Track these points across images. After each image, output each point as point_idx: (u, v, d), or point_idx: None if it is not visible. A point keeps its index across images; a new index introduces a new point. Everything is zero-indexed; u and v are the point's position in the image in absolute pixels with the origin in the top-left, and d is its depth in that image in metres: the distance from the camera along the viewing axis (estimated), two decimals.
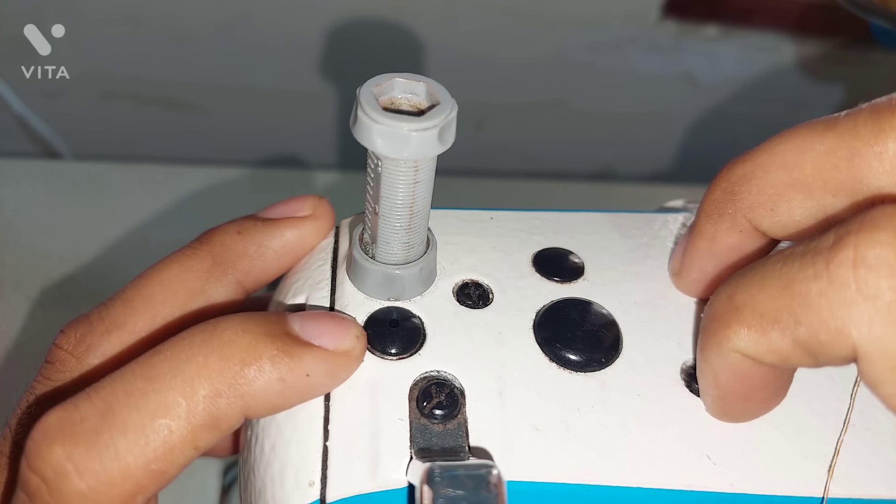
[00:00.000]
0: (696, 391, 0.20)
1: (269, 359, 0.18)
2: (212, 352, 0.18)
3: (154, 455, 0.17)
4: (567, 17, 0.51)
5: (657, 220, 0.24)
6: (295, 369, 0.18)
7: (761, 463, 0.19)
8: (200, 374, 0.17)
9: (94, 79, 0.53)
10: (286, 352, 0.18)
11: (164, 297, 0.21)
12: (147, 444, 0.17)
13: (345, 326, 0.19)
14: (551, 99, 0.56)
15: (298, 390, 0.18)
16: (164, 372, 0.17)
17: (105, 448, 0.17)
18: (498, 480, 0.16)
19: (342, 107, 0.56)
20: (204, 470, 0.39)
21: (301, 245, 0.22)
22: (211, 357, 0.17)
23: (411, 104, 0.18)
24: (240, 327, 0.18)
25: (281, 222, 0.22)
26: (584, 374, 0.20)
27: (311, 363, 0.18)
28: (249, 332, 0.18)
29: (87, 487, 0.16)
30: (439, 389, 0.19)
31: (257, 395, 0.17)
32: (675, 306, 0.21)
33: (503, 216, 0.24)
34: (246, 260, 0.22)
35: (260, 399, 0.18)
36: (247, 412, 0.18)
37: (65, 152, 0.58)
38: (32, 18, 0.47)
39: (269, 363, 0.18)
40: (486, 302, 0.21)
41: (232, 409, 0.17)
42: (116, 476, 0.17)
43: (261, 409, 0.18)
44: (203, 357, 0.17)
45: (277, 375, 0.18)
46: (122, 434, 0.17)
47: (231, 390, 0.17)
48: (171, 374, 0.17)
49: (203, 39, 0.51)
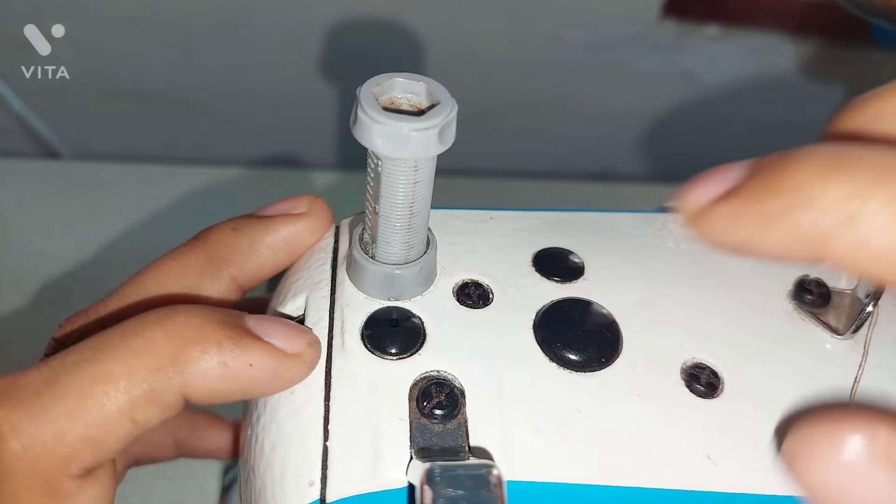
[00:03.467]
0: (696, 391, 0.20)
1: (215, 342, 0.18)
2: (161, 329, 0.18)
3: (90, 421, 0.17)
4: (567, 17, 0.51)
5: (657, 220, 0.24)
6: (239, 357, 0.18)
7: (761, 463, 0.19)
8: (146, 347, 0.18)
9: (94, 79, 0.53)
10: (233, 339, 0.18)
11: (159, 293, 0.21)
12: (84, 410, 0.17)
13: (299, 331, 0.19)
14: (551, 99, 0.56)
15: (239, 381, 0.18)
16: (113, 344, 0.18)
17: (43, 411, 0.17)
18: (498, 480, 0.16)
19: (342, 107, 0.56)
20: (204, 470, 0.39)
21: (296, 241, 0.22)
22: (159, 333, 0.18)
23: (411, 104, 0.18)
24: (194, 311, 0.19)
25: (276, 219, 0.22)
26: (584, 374, 0.20)
27: (256, 355, 0.18)
28: (202, 317, 0.18)
29: (21, 448, 0.17)
30: (439, 389, 0.19)
31: (197, 375, 0.18)
32: (675, 306, 0.21)
33: (503, 216, 0.24)
34: (240, 255, 0.22)
35: (200, 381, 0.18)
36: (185, 391, 0.18)
37: (64, 152, 0.58)
38: (32, 18, 0.47)
39: (214, 346, 0.18)
40: (486, 302, 0.21)
41: (171, 386, 0.18)
42: (50, 439, 0.17)
43: (200, 392, 0.18)
44: (151, 332, 0.18)
45: (220, 359, 0.18)
46: (61, 399, 0.17)
47: (172, 366, 0.18)
48: (119, 345, 0.18)
49: (203, 39, 0.51)
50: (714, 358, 0.20)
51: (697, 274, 0.22)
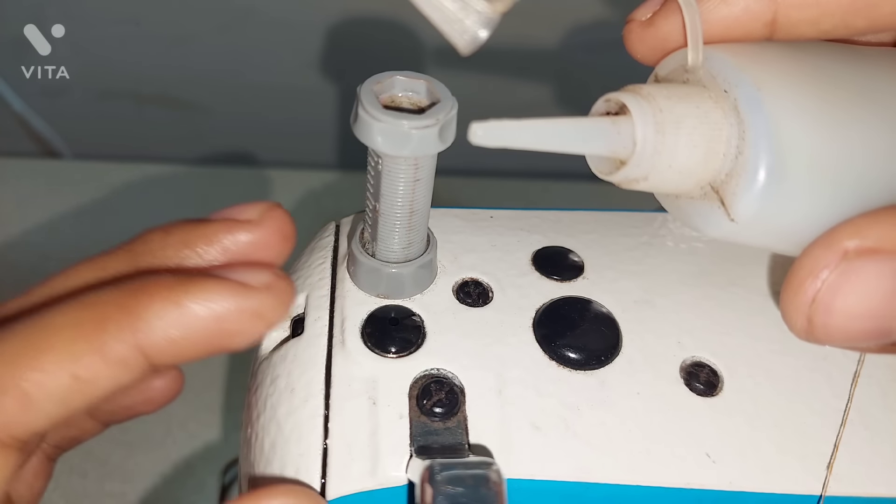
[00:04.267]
0: (696, 389, 0.20)
1: (166, 286, 0.16)
2: (109, 288, 0.17)
3: (23, 372, 0.16)
4: (567, 17, 0.51)
5: (657, 220, 0.24)
6: (195, 294, 0.16)
7: (760, 461, 0.19)
8: (94, 302, 0.16)
9: (94, 79, 0.53)
10: (185, 280, 0.16)
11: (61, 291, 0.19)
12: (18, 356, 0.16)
13: (263, 266, 0.17)
14: (551, 99, 0.56)
15: (201, 324, 0.16)
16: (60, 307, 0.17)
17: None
18: (498, 478, 0.16)
19: (342, 106, 0.56)
20: (204, 469, 0.39)
21: (237, 253, 0.19)
22: (106, 291, 0.17)
23: (412, 102, 0.18)
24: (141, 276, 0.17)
25: (215, 224, 0.19)
26: (584, 373, 0.20)
27: (213, 289, 0.16)
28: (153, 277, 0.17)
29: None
30: (439, 387, 0.19)
31: (152, 322, 0.16)
32: (674, 305, 0.21)
33: (503, 215, 0.24)
34: (166, 261, 0.19)
35: (156, 330, 0.16)
36: (142, 344, 0.16)
37: (65, 152, 0.58)
38: (32, 18, 0.47)
39: (164, 289, 0.16)
40: (486, 300, 0.21)
41: (122, 336, 0.16)
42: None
43: (158, 343, 0.16)
44: (98, 292, 0.17)
45: (174, 301, 0.16)
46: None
47: (120, 313, 0.16)
48: (67, 304, 0.16)
49: (203, 39, 0.51)
50: (713, 356, 0.20)
51: (697, 273, 0.22)
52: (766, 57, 0.17)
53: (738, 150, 0.16)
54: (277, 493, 0.17)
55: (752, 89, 0.16)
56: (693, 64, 0.17)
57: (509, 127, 0.15)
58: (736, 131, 0.16)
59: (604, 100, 0.17)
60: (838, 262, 0.15)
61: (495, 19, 0.16)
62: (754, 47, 0.17)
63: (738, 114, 0.16)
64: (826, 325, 0.15)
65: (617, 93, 0.17)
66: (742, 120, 0.16)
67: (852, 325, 0.15)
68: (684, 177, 0.17)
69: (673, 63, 0.18)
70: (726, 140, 0.16)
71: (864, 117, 0.17)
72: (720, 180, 0.17)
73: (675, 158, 0.16)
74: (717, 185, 0.17)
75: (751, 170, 0.16)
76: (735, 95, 0.16)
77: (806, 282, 0.15)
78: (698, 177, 0.17)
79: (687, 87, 0.17)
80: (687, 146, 0.16)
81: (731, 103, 0.16)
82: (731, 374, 0.20)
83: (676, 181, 0.17)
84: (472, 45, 0.16)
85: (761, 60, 0.17)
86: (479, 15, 0.16)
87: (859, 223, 0.15)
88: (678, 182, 0.17)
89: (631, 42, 0.19)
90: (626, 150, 0.16)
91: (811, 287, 0.15)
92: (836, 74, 0.17)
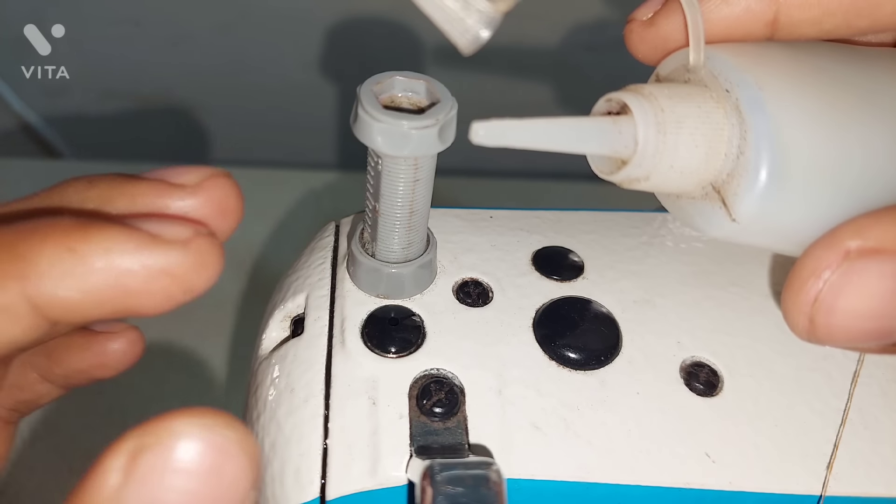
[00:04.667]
0: (696, 389, 0.20)
1: (62, 229, 0.14)
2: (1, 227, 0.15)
3: None
4: (567, 17, 0.51)
5: (656, 220, 0.24)
6: (91, 239, 0.14)
7: (760, 461, 0.19)
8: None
9: (94, 79, 0.53)
10: (84, 223, 0.14)
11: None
12: None
13: (185, 221, 0.15)
14: (551, 99, 0.56)
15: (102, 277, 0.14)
16: None
17: None
18: (498, 478, 0.16)
19: (342, 106, 0.56)
20: None
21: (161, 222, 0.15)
22: None
23: (411, 102, 0.18)
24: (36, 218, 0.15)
25: (144, 182, 0.17)
26: (584, 373, 0.20)
27: (114, 236, 0.14)
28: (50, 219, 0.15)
29: None
30: (439, 387, 0.19)
31: (43, 269, 0.14)
32: (674, 305, 0.21)
33: (503, 215, 0.24)
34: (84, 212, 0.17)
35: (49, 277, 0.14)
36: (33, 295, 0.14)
37: (65, 152, 0.58)
38: (32, 18, 0.47)
39: (59, 232, 0.14)
40: (486, 300, 0.21)
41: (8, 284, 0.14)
42: None
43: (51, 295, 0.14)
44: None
45: (67, 245, 0.14)
46: None
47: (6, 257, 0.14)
48: None
49: (203, 39, 0.51)
50: (713, 356, 0.20)
51: (697, 273, 0.22)
52: (767, 57, 0.17)
53: (739, 151, 0.16)
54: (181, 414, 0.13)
55: (753, 89, 0.16)
56: (694, 64, 0.17)
57: (511, 126, 0.15)
58: (737, 131, 0.16)
59: (605, 99, 0.17)
60: (840, 262, 0.15)
61: (497, 19, 0.16)
62: (756, 47, 0.17)
63: (739, 114, 0.16)
64: (828, 325, 0.15)
65: (618, 92, 0.17)
66: (744, 120, 0.16)
67: (854, 325, 0.15)
68: (686, 177, 0.17)
69: (674, 63, 0.18)
70: (728, 140, 0.16)
71: (865, 118, 0.17)
72: (721, 180, 0.17)
73: (677, 158, 0.16)
74: (718, 186, 0.17)
75: (752, 170, 0.16)
76: (737, 95, 0.16)
77: (808, 282, 0.15)
78: (700, 177, 0.17)
79: (688, 87, 0.17)
80: (688, 146, 0.16)
81: (732, 103, 0.16)
82: (731, 374, 0.20)
83: (678, 181, 0.17)
84: (473, 44, 0.16)
85: (763, 60, 0.17)
86: (480, 14, 0.16)
87: (861, 223, 0.15)
88: (679, 182, 0.17)
89: (632, 42, 0.19)
90: (627, 150, 0.16)
91: (813, 287, 0.15)
92: (837, 75, 0.17)
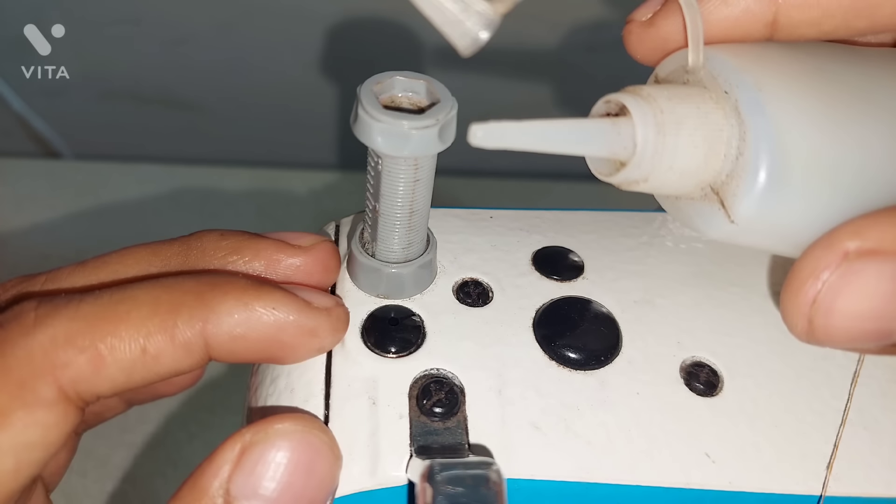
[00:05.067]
0: (696, 389, 0.20)
1: (240, 286, 0.18)
2: (188, 276, 0.18)
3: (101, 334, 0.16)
4: (567, 17, 0.51)
5: (656, 220, 0.24)
6: (262, 298, 0.18)
7: (760, 461, 0.19)
8: (172, 285, 0.17)
9: (94, 79, 0.53)
10: (257, 284, 0.18)
11: (116, 269, 0.20)
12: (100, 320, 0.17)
13: (327, 293, 0.19)
14: (551, 99, 0.56)
15: (262, 329, 0.18)
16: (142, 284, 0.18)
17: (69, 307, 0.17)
18: (498, 478, 0.16)
19: (342, 107, 0.56)
20: None
21: (277, 272, 0.20)
22: (185, 278, 0.18)
23: (412, 102, 0.18)
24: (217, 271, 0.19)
25: (267, 240, 0.20)
26: (584, 373, 0.20)
27: (280, 299, 0.18)
28: (230, 276, 0.18)
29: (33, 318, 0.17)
30: (439, 387, 0.19)
31: (221, 314, 0.17)
32: (674, 305, 0.21)
33: (503, 215, 0.24)
34: (216, 260, 0.20)
35: (222, 323, 0.17)
36: (206, 333, 0.17)
37: (65, 152, 0.58)
38: (32, 18, 0.47)
39: (237, 289, 0.18)
40: (486, 300, 0.21)
41: (192, 322, 0.17)
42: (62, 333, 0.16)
43: (220, 336, 0.17)
44: (177, 278, 0.18)
45: (243, 301, 0.17)
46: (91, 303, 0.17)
47: (195, 300, 0.17)
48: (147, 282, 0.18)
49: (203, 39, 0.51)
50: (713, 356, 0.20)
51: (697, 273, 0.22)
52: (766, 58, 0.17)
53: (738, 152, 0.16)
54: (284, 418, 0.17)
55: (753, 90, 0.16)
56: (694, 65, 0.17)
57: (509, 128, 0.15)
58: (736, 132, 0.16)
59: (604, 101, 0.17)
60: (839, 263, 0.15)
61: (496, 21, 0.16)
62: (755, 48, 0.17)
63: (738, 115, 0.16)
64: (826, 326, 0.15)
65: (617, 94, 0.17)
66: (743, 121, 0.16)
67: (853, 326, 0.15)
68: (685, 178, 0.17)
69: (673, 64, 0.18)
70: (727, 141, 0.16)
71: (864, 119, 0.17)
72: (720, 181, 0.17)
73: (676, 160, 0.16)
74: (717, 187, 0.17)
75: (751, 171, 0.16)
76: (736, 96, 0.16)
77: (806, 283, 0.15)
78: (699, 178, 0.17)
79: (687, 88, 0.17)
80: (687, 147, 0.16)
81: (731, 104, 0.16)
82: (731, 374, 0.20)
83: (677, 182, 0.17)
84: (472, 46, 0.16)
85: (762, 61, 0.17)
86: (479, 16, 0.16)
87: (860, 224, 0.15)
88: (678, 183, 0.17)
89: (631, 43, 0.20)
90: (626, 152, 0.16)
91: (812, 288, 0.15)
92: (836, 76, 0.17)
